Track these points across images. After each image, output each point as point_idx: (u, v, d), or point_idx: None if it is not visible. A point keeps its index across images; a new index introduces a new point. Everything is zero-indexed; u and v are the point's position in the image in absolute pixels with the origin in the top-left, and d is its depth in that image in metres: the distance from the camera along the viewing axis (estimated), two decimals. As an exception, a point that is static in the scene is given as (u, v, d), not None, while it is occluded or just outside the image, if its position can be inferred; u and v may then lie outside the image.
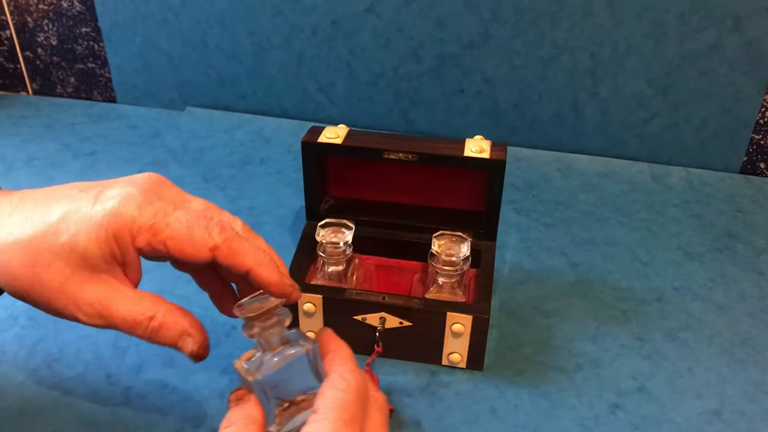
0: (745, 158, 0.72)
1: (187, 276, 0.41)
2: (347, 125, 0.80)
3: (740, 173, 0.73)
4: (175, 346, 0.36)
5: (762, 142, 0.72)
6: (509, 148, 0.76)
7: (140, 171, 0.43)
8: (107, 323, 0.35)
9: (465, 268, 0.50)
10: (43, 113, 0.83)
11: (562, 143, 0.76)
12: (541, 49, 0.72)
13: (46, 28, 0.82)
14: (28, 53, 0.84)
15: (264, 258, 0.36)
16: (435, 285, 0.51)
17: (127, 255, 0.35)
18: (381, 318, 0.48)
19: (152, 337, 0.36)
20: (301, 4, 0.75)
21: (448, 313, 0.47)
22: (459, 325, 0.47)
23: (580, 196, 0.67)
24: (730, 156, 0.73)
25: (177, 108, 0.84)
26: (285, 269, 0.39)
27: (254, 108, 0.83)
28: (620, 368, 0.50)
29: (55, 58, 0.84)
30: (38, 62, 0.85)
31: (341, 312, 0.48)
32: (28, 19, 0.82)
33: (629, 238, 0.62)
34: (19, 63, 0.85)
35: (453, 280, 0.50)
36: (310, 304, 0.48)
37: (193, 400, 0.46)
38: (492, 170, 0.50)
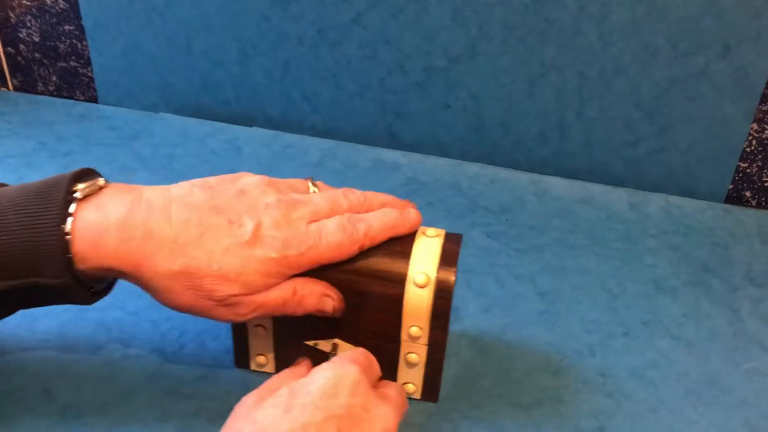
0: (731, 186, 0.70)
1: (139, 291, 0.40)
2: (331, 136, 0.79)
3: (725, 202, 0.71)
4: (317, 309, 0.43)
5: (748, 171, 0.70)
6: (486, 168, 0.74)
7: (108, 177, 0.42)
8: (263, 314, 0.42)
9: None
10: (23, 110, 0.82)
11: (545, 164, 0.74)
12: (529, 67, 0.70)
13: (28, 24, 0.81)
14: (9, 49, 0.84)
15: (387, 222, 0.43)
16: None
17: None
18: (333, 344, 0.46)
19: (299, 307, 0.42)
20: (289, 11, 0.74)
21: (402, 341, 0.45)
22: (414, 354, 0.46)
23: (554, 222, 0.66)
24: (716, 183, 0.71)
25: (160, 111, 0.83)
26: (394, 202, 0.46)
27: (238, 114, 0.82)
28: (581, 406, 0.49)
29: (37, 55, 0.83)
30: (20, 58, 0.84)
31: (292, 335, 0.47)
32: (11, 14, 0.81)
33: (601, 268, 0.60)
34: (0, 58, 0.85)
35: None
36: (260, 326, 0.47)
37: (132, 425, 0.45)
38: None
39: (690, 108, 0.68)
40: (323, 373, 0.37)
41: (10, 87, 0.87)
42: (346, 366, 0.38)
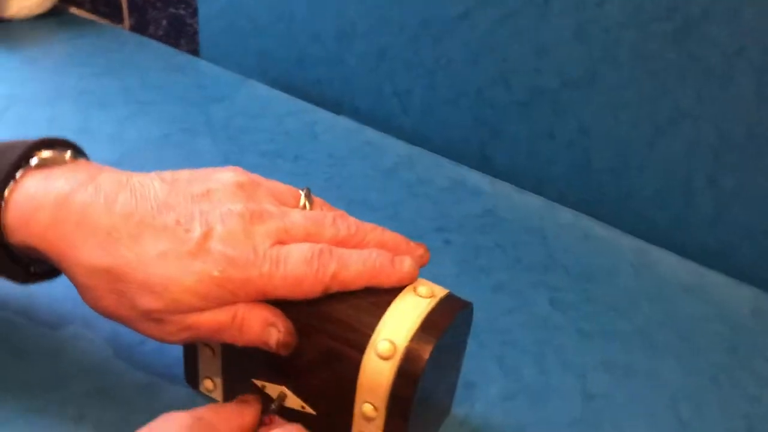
0: None
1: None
2: (416, 142, 0.70)
3: None
4: (260, 340, 0.34)
5: None
6: (582, 219, 0.61)
7: (167, 136, 0.36)
8: (195, 337, 0.35)
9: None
10: (127, 50, 0.81)
11: (657, 232, 0.60)
12: (658, 108, 0.57)
13: (145, -35, 0.79)
14: (128, -13, 0.82)
15: (368, 267, 0.34)
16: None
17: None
18: (281, 393, 0.37)
19: (238, 335, 0.34)
20: (395, -8, 0.66)
21: (355, 417, 0.35)
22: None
23: (644, 306, 0.52)
24: None
25: (254, 77, 0.78)
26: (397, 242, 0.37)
27: (327, 97, 0.75)
28: None
29: (150, -2, 0.81)
30: (135, -2, 0.83)
31: (241, 368, 0.38)
32: (129, -48, 0.79)
33: (680, 382, 0.46)
34: (119, -5, 0.84)
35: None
36: (208, 347, 0.39)
37: (43, 417, 0.39)
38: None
39: None
40: None
41: (127, 25, 0.86)
42: None
